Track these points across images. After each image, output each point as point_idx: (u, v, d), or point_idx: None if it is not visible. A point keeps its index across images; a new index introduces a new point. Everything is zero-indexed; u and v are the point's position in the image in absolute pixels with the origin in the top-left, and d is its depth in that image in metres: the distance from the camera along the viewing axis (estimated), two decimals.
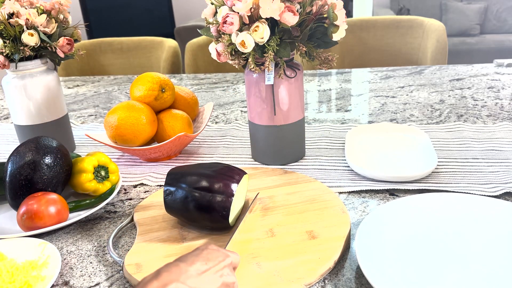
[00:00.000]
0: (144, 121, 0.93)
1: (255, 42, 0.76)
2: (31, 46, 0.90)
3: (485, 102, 1.22)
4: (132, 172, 0.94)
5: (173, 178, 0.69)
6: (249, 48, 0.76)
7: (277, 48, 0.77)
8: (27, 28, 0.90)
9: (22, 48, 0.90)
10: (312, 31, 0.80)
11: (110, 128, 0.93)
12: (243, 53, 0.80)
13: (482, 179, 0.82)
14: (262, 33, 0.75)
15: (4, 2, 0.91)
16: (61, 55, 0.94)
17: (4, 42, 0.90)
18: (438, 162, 0.89)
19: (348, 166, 0.90)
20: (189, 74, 1.76)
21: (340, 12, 0.76)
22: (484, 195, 0.76)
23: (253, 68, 0.79)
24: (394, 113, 1.19)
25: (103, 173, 0.82)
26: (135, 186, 0.89)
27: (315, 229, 0.68)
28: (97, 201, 0.80)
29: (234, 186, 0.67)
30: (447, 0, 4.26)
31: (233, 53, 0.80)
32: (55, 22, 0.93)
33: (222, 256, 0.53)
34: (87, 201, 0.80)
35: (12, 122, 1.20)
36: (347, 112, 1.22)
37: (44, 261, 0.65)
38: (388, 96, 1.32)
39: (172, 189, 0.68)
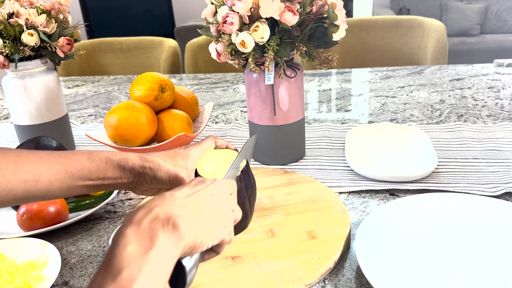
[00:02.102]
0: (144, 121, 0.93)
1: (255, 42, 0.76)
2: (31, 46, 0.90)
3: (485, 102, 1.22)
4: None
5: None
6: (249, 48, 0.76)
7: (277, 48, 0.77)
8: (27, 28, 0.90)
9: (22, 48, 0.90)
10: (312, 31, 0.79)
11: (110, 128, 0.93)
12: (243, 53, 0.80)
13: (482, 179, 0.82)
14: (262, 33, 0.75)
15: (4, 2, 0.91)
16: (61, 55, 0.94)
17: (4, 42, 0.90)
18: (438, 162, 0.89)
19: (348, 166, 0.90)
20: (189, 74, 1.76)
21: (340, 12, 0.76)
22: (484, 195, 0.76)
23: (253, 68, 0.79)
24: (394, 113, 1.19)
25: None
26: None
27: (315, 229, 0.68)
28: (97, 201, 0.80)
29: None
30: (447, 0, 4.26)
31: (233, 53, 0.80)
32: (55, 22, 0.93)
33: (210, 181, 0.50)
34: (87, 201, 0.80)
35: (12, 122, 1.20)
36: (347, 112, 1.22)
37: (44, 261, 0.65)
38: (388, 96, 1.32)
39: None
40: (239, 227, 0.66)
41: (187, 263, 0.43)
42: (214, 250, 0.48)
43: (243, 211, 0.66)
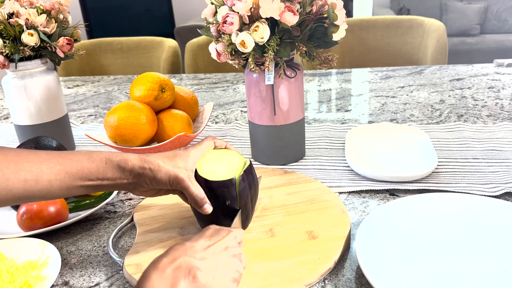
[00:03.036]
0: (144, 121, 0.93)
1: (255, 42, 0.76)
2: (31, 46, 0.90)
3: (485, 102, 1.22)
4: None
5: None
6: (249, 48, 0.76)
7: (277, 48, 0.77)
8: (27, 28, 0.90)
9: (22, 48, 0.90)
10: (312, 31, 0.79)
11: (110, 128, 0.93)
12: (243, 53, 0.80)
13: (482, 179, 0.82)
14: (262, 33, 0.75)
15: (4, 2, 0.91)
16: (61, 55, 0.94)
17: (4, 42, 0.90)
18: (438, 162, 0.89)
19: (348, 166, 0.90)
20: (189, 74, 1.76)
21: (340, 12, 0.76)
22: (484, 195, 0.76)
23: (253, 68, 0.79)
24: (394, 113, 1.19)
25: None
26: None
27: (315, 229, 0.68)
28: (97, 201, 0.80)
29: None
30: (447, 0, 4.26)
31: (233, 53, 0.80)
32: (55, 22, 0.93)
33: (226, 232, 0.55)
34: (87, 201, 0.80)
35: (12, 122, 1.20)
36: (347, 112, 1.22)
37: (44, 261, 0.65)
38: (388, 96, 1.32)
39: None
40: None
41: None
42: None
43: (245, 210, 0.66)
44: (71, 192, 0.57)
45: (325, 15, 0.79)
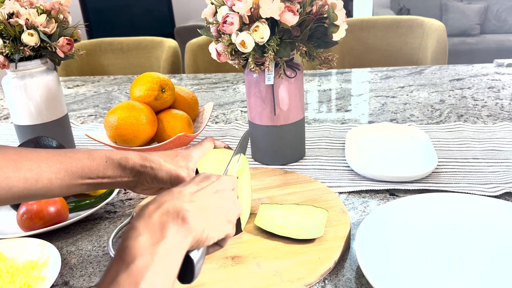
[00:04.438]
0: (144, 121, 0.93)
1: (255, 42, 0.76)
2: (31, 46, 0.90)
3: (485, 102, 1.22)
4: None
5: None
6: (249, 48, 0.76)
7: (277, 48, 0.77)
8: (27, 28, 0.90)
9: (22, 48, 0.90)
10: (312, 31, 0.80)
11: (110, 128, 0.93)
12: (243, 53, 0.80)
13: (482, 179, 0.82)
14: (262, 33, 0.75)
15: (4, 2, 0.91)
16: (61, 55, 0.94)
17: (4, 42, 0.89)
18: (438, 162, 0.89)
19: (348, 166, 0.90)
20: (189, 74, 1.76)
21: (340, 12, 0.76)
22: (484, 195, 0.76)
23: (253, 68, 0.79)
24: (394, 113, 1.19)
25: None
26: None
27: None
28: (97, 201, 0.80)
29: None
30: (447, 0, 4.26)
31: (233, 53, 0.80)
32: (55, 22, 0.93)
33: (216, 177, 0.53)
34: (87, 201, 0.80)
35: (12, 122, 1.20)
36: (347, 112, 1.22)
37: (44, 261, 0.65)
38: (388, 96, 1.32)
39: None
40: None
41: (195, 256, 0.45)
42: (218, 244, 0.50)
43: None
44: (71, 191, 0.57)
45: (325, 15, 0.79)
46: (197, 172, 0.64)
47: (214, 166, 0.66)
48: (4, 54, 0.90)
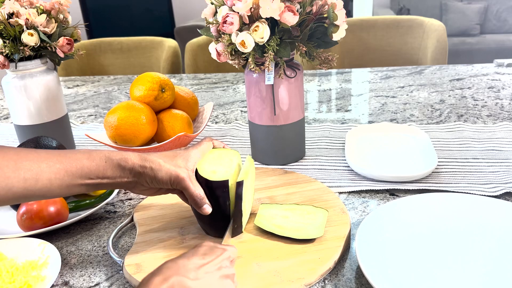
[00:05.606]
0: (144, 121, 0.93)
1: (255, 42, 0.76)
2: (31, 46, 0.90)
3: (485, 102, 1.22)
4: None
5: None
6: (249, 48, 0.76)
7: (277, 48, 0.77)
8: (27, 28, 0.90)
9: (22, 48, 0.90)
10: (312, 31, 0.80)
11: (110, 128, 0.93)
12: (243, 53, 0.80)
13: (482, 179, 0.82)
14: (262, 33, 0.75)
15: (4, 2, 0.91)
16: (61, 55, 0.94)
17: (4, 42, 0.89)
18: (438, 162, 0.89)
19: (348, 166, 0.90)
20: (189, 74, 1.76)
21: (340, 12, 0.76)
22: (484, 195, 0.76)
23: (253, 68, 0.79)
24: (394, 113, 1.19)
25: None
26: None
27: None
28: (97, 201, 0.80)
29: None
30: (447, 0, 4.26)
31: (233, 53, 0.80)
32: (55, 22, 0.93)
33: (220, 250, 0.54)
34: (87, 201, 0.80)
35: (12, 122, 1.20)
36: (347, 112, 1.22)
37: (44, 261, 0.65)
38: (388, 96, 1.32)
39: None
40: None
41: None
42: None
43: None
44: (71, 191, 0.57)
45: (325, 15, 0.79)
46: (196, 172, 0.64)
47: (214, 166, 0.66)
48: (4, 54, 0.90)
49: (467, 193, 0.77)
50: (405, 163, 0.89)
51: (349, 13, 3.74)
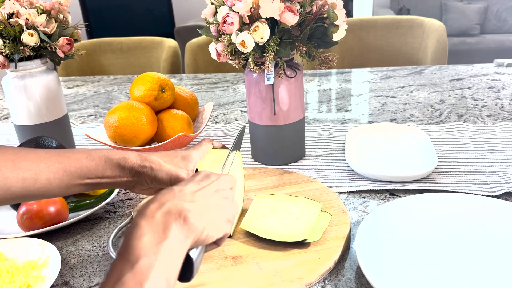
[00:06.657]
0: (144, 121, 0.93)
1: (255, 42, 0.76)
2: (31, 46, 0.90)
3: (485, 102, 1.22)
4: None
5: None
6: (249, 48, 0.76)
7: (277, 48, 0.77)
8: (27, 28, 0.89)
9: (22, 48, 0.90)
10: (312, 31, 0.79)
11: (110, 128, 0.93)
12: (243, 53, 0.80)
13: (482, 179, 0.82)
14: (262, 33, 0.75)
15: (4, 2, 0.91)
16: (61, 55, 0.94)
17: (4, 42, 0.89)
18: (438, 162, 0.89)
19: (348, 166, 0.90)
20: (189, 74, 1.76)
21: (340, 12, 0.76)
22: (484, 195, 0.76)
23: (253, 68, 0.79)
24: (394, 113, 1.19)
25: None
26: None
27: None
28: (97, 201, 0.80)
29: None
30: (447, 0, 4.26)
31: (233, 53, 0.80)
32: (55, 22, 0.93)
33: (215, 176, 0.54)
34: (87, 201, 0.80)
35: (12, 122, 1.20)
36: (347, 112, 1.22)
37: (44, 261, 0.65)
38: (388, 96, 1.32)
39: None
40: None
41: (194, 254, 0.46)
42: (215, 243, 0.51)
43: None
44: (70, 191, 0.57)
45: (325, 15, 0.79)
46: (196, 171, 0.64)
47: (211, 166, 0.66)
48: (4, 54, 0.90)
49: (467, 193, 0.77)
50: (405, 163, 0.89)
51: (349, 13, 3.74)
